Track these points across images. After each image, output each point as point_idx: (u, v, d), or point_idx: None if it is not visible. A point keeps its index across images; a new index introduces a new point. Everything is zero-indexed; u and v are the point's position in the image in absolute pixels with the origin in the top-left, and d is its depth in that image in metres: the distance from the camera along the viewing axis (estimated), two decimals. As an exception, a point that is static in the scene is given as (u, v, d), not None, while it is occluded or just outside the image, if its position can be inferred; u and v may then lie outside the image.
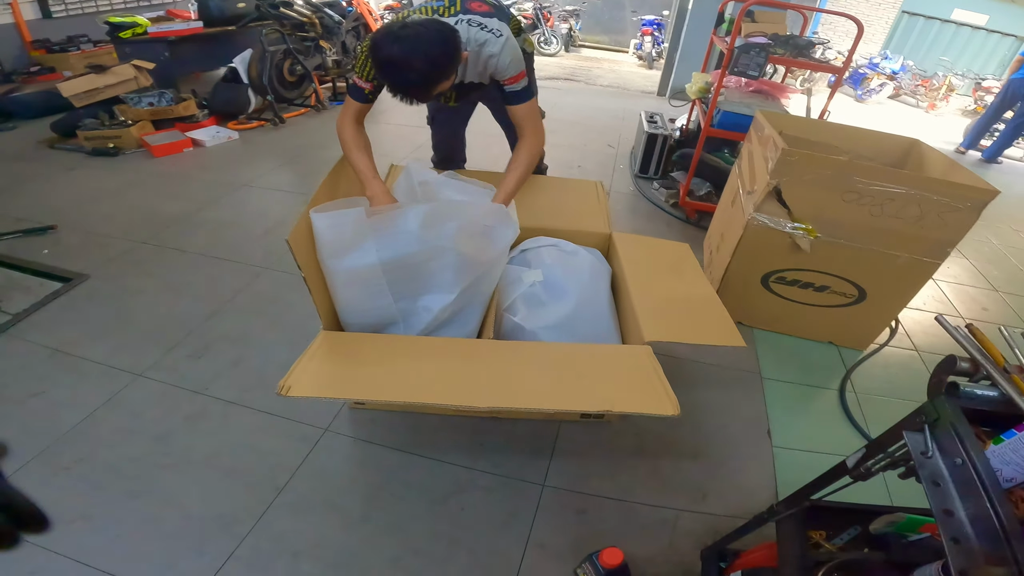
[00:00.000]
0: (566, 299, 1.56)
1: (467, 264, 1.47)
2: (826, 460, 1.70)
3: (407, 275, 1.43)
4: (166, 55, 4.24)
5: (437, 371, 1.28)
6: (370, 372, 1.26)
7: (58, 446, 1.51)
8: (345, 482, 1.50)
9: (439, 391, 1.20)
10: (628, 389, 1.27)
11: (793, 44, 2.46)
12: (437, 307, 1.46)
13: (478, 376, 1.26)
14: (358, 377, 1.24)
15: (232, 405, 1.69)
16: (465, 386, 1.22)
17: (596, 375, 1.31)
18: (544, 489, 1.52)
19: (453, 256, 1.45)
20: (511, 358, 1.35)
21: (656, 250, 1.91)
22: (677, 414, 1.18)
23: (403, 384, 1.22)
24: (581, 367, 1.34)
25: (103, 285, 2.17)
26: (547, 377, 1.29)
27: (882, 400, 2.00)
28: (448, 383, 1.23)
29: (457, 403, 1.16)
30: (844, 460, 1.10)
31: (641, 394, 1.25)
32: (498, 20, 1.62)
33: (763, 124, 2.06)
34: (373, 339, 1.40)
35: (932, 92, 8.41)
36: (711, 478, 1.62)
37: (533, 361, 1.35)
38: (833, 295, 2.10)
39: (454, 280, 1.46)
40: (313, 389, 1.15)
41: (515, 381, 1.26)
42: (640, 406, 1.22)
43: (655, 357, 1.36)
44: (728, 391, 1.95)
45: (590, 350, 1.42)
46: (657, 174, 3.53)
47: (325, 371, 1.23)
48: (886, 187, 1.74)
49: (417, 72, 1.35)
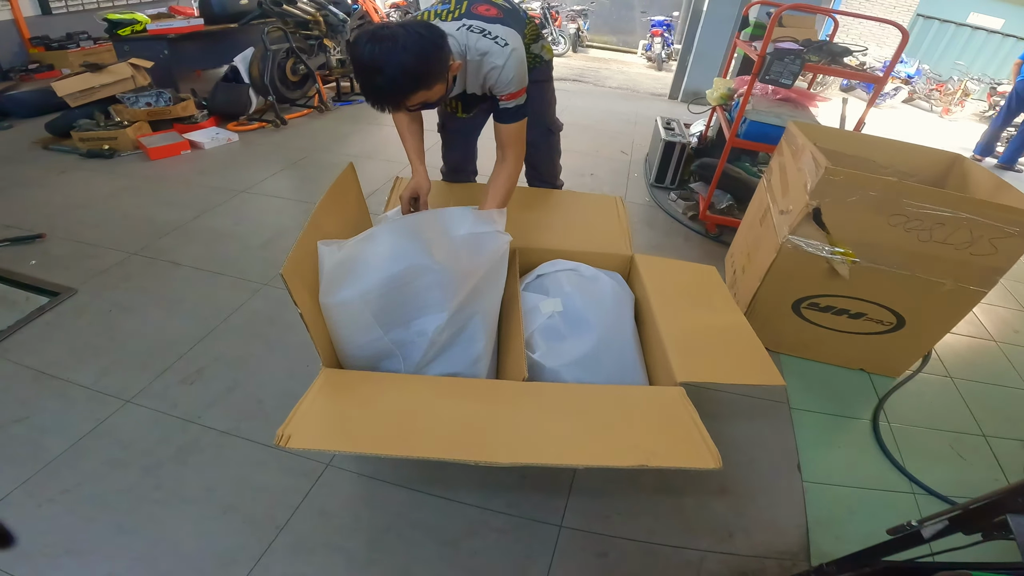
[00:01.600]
0: (588, 332, 1.44)
1: (453, 278, 1.33)
2: (859, 495, 1.64)
3: (391, 302, 1.30)
4: (165, 53, 4.12)
5: (451, 418, 1.15)
6: (377, 420, 1.13)
7: (43, 476, 1.42)
8: (349, 521, 1.40)
9: (456, 445, 1.08)
10: (664, 439, 1.16)
11: (828, 51, 2.31)
12: (431, 329, 1.32)
13: (497, 425, 1.14)
14: (364, 426, 1.11)
15: (227, 436, 1.58)
16: (484, 438, 1.10)
17: (627, 423, 1.19)
18: (562, 530, 1.42)
19: (435, 272, 1.31)
20: (532, 403, 1.22)
21: (681, 274, 1.78)
22: (719, 468, 1.08)
23: (415, 436, 1.10)
24: (610, 413, 1.22)
25: (91, 301, 2.05)
26: (574, 426, 1.17)
27: (917, 431, 1.90)
28: (465, 434, 1.11)
29: (476, 459, 1.04)
30: (917, 529, 0.99)
31: (678, 445, 1.14)
32: (505, 27, 1.48)
33: (797, 136, 1.92)
34: (378, 379, 1.28)
35: (947, 96, 8.25)
36: (738, 516, 1.52)
37: (556, 407, 1.23)
38: (869, 322, 1.97)
39: (443, 298, 1.33)
40: (315, 440, 1.03)
41: (539, 431, 1.14)
42: (679, 459, 1.11)
43: (689, 400, 1.25)
44: (754, 422, 1.85)
45: (618, 393, 1.30)
46: (674, 184, 3.38)
47: (328, 418, 1.11)
48: (939, 211, 1.60)
49: (386, 78, 1.22)
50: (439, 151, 2.16)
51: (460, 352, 1.38)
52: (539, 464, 1.09)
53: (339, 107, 4.62)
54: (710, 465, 1.08)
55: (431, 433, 1.10)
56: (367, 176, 3.28)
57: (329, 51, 4.47)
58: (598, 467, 1.09)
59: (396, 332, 1.33)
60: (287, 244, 2.50)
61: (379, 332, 1.30)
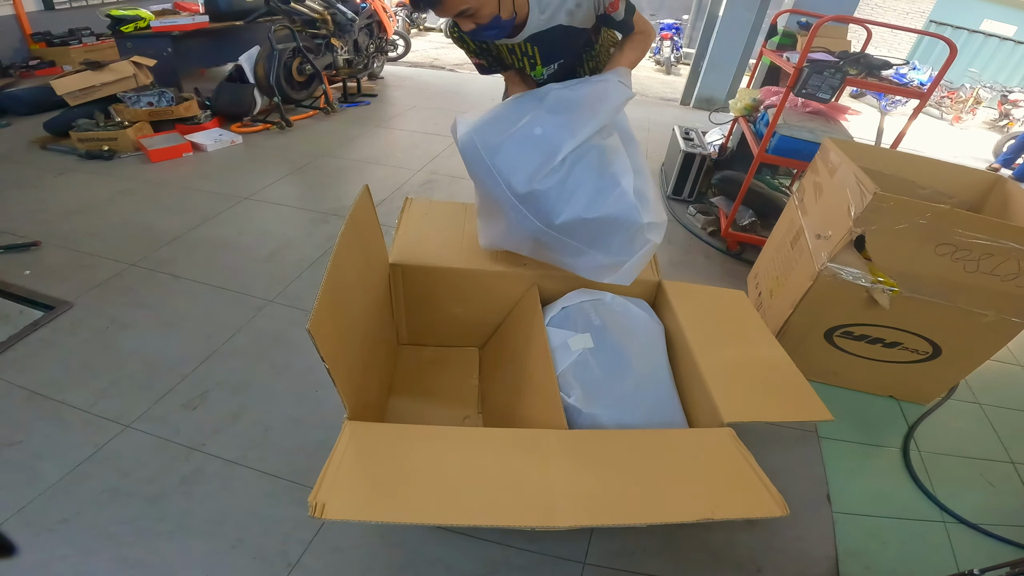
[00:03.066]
0: (624, 370, 1.35)
1: (578, 119, 1.33)
2: (890, 525, 1.58)
3: (528, 147, 1.33)
4: (169, 51, 4.02)
5: (495, 475, 1.06)
6: (416, 481, 1.03)
7: (40, 503, 1.36)
8: (364, 558, 1.33)
9: (509, 508, 0.99)
10: (724, 488, 1.09)
11: (866, 63, 2.21)
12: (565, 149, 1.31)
13: (547, 482, 1.05)
14: (404, 489, 1.01)
15: (234, 465, 1.50)
16: (537, 498, 1.01)
17: (683, 472, 1.12)
18: (585, 567, 1.37)
19: (558, 115, 1.34)
20: (578, 454, 1.13)
21: (710, 301, 1.69)
22: (787, 515, 1.03)
23: (462, 498, 1.00)
24: (662, 462, 1.14)
25: (88, 316, 1.96)
26: (627, 479, 1.09)
27: (948, 459, 1.85)
28: (515, 494, 1.02)
29: (535, 524, 0.96)
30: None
31: (740, 493, 1.08)
32: None
33: (834, 155, 1.83)
34: (408, 432, 1.18)
35: (958, 104, 8.15)
36: (767, 549, 1.47)
37: (605, 458, 1.14)
38: (904, 351, 1.88)
39: (569, 136, 1.32)
40: (353, 509, 0.94)
41: (593, 487, 1.06)
42: (743, 509, 1.05)
43: (741, 443, 1.19)
44: (783, 451, 1.79)
45: (666, 438, 1.22)
46: (692, 196, 3.28)
47: (362, 480, 1.01)
48: (991, 241, 1.51)
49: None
50: (445, 155, 2.04)
51: (558, 197, 1.34)
52: (603, 526, 1.01)
53: (346, 109, 4.51)
54: (776, 513, 1.04)
55: (478, 495, 1.01)
56: (374, 183, 3.20)
57: (336, 51, 4.35)
58: (663, 523, 1.02)
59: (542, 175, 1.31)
60: (293, 257, 2.40)
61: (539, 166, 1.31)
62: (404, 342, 1.82)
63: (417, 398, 1.66)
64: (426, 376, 1.73)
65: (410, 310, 1.73)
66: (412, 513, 0.96)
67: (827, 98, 2.12)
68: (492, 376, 1.68)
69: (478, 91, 5.55)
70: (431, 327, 1.78)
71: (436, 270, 1.63)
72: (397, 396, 1.64)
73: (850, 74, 2.13)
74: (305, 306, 2.10)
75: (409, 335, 1.80)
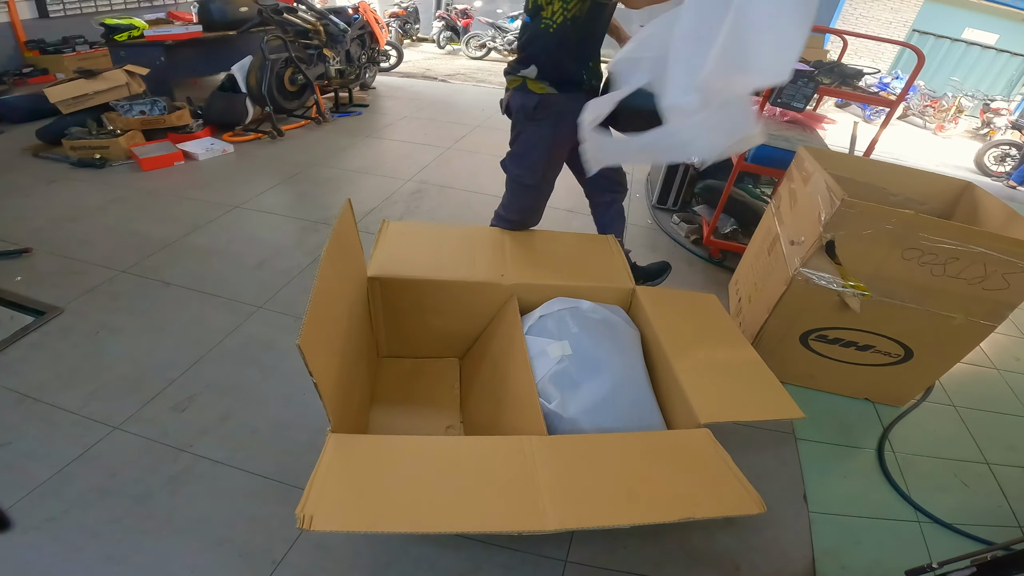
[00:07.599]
0: (602, 375, 1.39)
1: None
2: (865, 524, 1.62)
3: None
4: (162, 60, 4.06)
5: (481, 482, 1.10)
6: (403, 491, 1.07)
7: (28, 503, 1.38)
8: (348, 557, 1.35)
9: (495, 514, 1.03)
10: (703, 487, 1.14)
11: (839, 72, 2.27)
12: None
13: (531, 487, 1.08)
14: (391, 500, 1.04)
15: (221, 465, 1.53)
16: (522, 503, 1.05)
17: (662, 473, 1.17)
18: (567, 565, 1.39)
19: None
20: (561, 459, 1.17)
21: (683, 305, 1.74)
22: (764, 512, 1.08)
23: (449, 506, 1.04)
24: (642, 464, 1.19)
25: (78, 321, 1.98)
26: (608, 481, 1.13)
27: (921, 459, 1.89)
28: (501, 500, 1.06)
29: (522, 529, 0.99)
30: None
31: (719, 492, 1.13)
32: None
33: (808, 163, 1.89)
34: (390, 443, 1.22)
35: (941, 113, 8.29)
36: (744, 548, 1.50)
37: (587, 461, 1.18)
38: (877, 354, 1.93)
39: None
40: (340, 520, 0.97)
41: (576, 490, 1.10)
42: (722, 508, 1.10)
43: (718, 443, 1.24)
44: (760, 452, 1.82)
45: (645, 440, 1.27)
46: (676, 205, 3.35)
47: (348, 492, 1.04)
48: (956, 245, 1.57)
49: None
50: (433, 166, 2.08)
51: None
52: (589, 528, 1.05)
53: (337, 119, 4.56)
54: (754, 511, 1.08)
55: (464, 502, 1.05)
56: (364, 193, 3.24)
57: (328, 61, 4.41)
58: (646, 524, 1.06)
59: None
60: (282, 265, 2.43)
61: None
62: (384, 355, 1.84)
63: (400, 409, 1.68)
64: (408, 388, 1.75)
65: (389, 323, 1.75)
66: (400, 523, 0.99)
67: (801, 107, 2.19)
68: (473, 386, 1.71)
69: (469, 102, 5.61)
70: (411, 339, 1.80)
71: (414, 282, 1.64)
72: (380, 408, 1.66)
73: (823, 83, 2.19)
74: (293, 312, 2.13)
75: (389, 347, 1.82)
